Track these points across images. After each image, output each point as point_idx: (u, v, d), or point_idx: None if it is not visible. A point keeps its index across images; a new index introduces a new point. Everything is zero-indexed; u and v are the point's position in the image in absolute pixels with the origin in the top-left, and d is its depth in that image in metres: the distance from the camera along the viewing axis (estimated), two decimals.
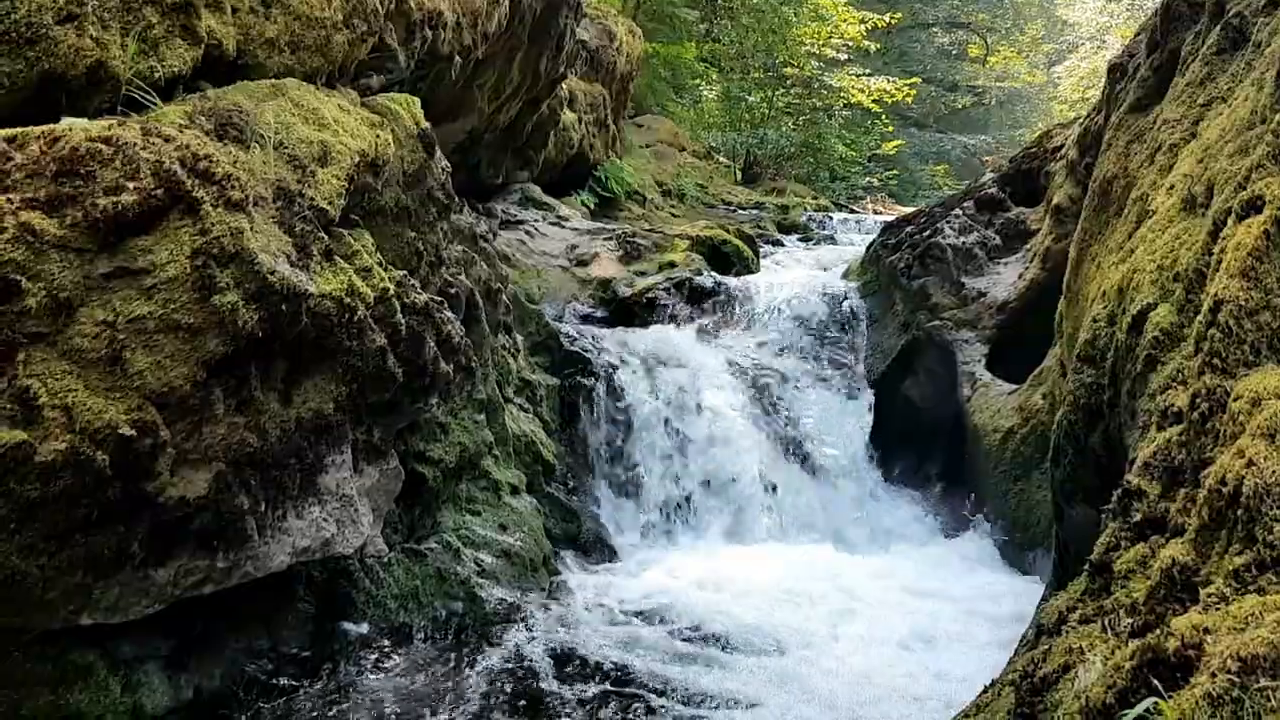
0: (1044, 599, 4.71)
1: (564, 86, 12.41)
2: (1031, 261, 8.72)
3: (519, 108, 10.68)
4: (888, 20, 23.96)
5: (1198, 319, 3.04)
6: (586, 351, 8.79)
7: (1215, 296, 2.88)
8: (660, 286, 10.24)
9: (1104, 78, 7.39)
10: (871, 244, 10.79)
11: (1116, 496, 3.04)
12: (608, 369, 8.65)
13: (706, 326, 9.94)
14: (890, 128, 25.74)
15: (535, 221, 11.44)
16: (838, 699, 5.17)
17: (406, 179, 5.97)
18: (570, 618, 6.25)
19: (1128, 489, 2.97)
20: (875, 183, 24.74)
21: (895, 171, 26.52)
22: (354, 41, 5.77)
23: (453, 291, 6.34)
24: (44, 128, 4.06)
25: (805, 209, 17.53)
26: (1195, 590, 2.21)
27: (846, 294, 10.27)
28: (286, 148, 4.74)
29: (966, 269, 9.07)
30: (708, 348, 9.47)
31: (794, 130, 22.02)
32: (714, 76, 22.67)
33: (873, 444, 8.97)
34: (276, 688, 4.91)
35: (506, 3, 8.53)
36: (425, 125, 6.23)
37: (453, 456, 6.49)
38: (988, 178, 10.51)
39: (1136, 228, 4.98)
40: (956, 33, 34.33)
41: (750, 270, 11.49)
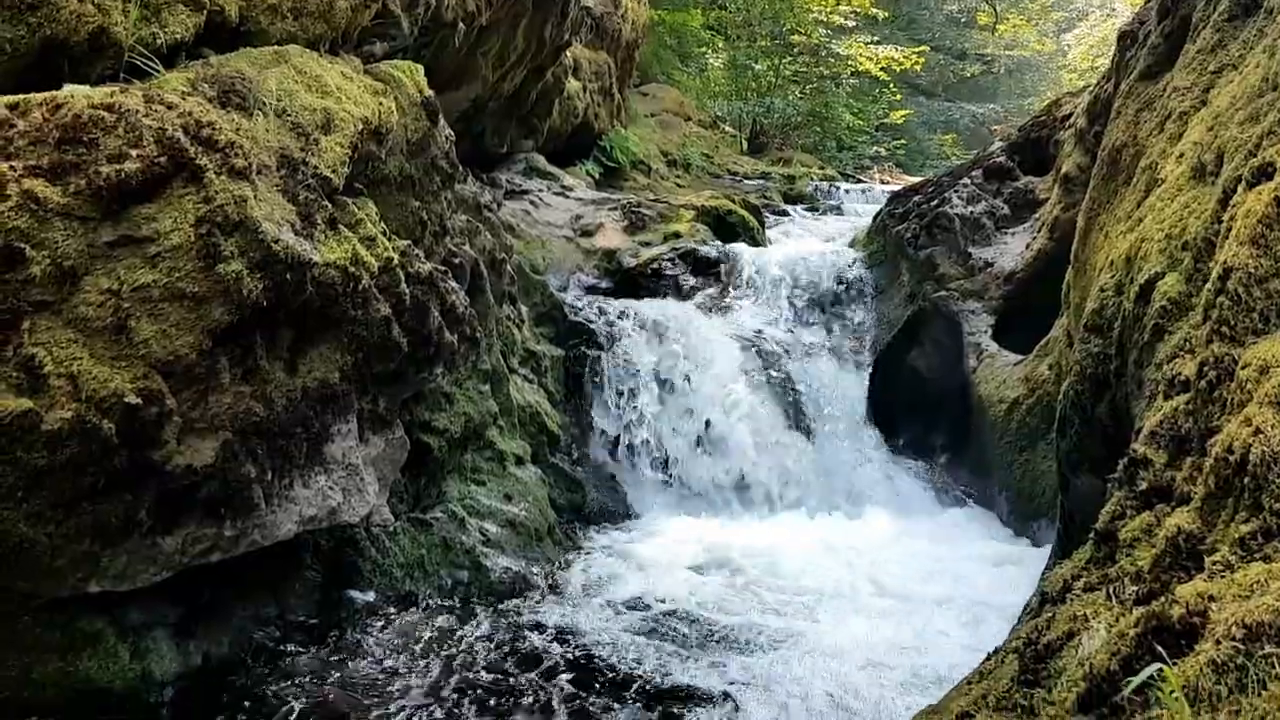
0: (1048, 568, 4.72)
1: (568, 54, 12.31)
2: (1039, 231, 8.67)
3: (523, 76, 10.61)
4: None
5: (1206, 287, 3.02)
6: (591, 322, 8.78)
7: (1224, 264, 2.85)
8: (665, 257, 10.21)
9: (1114, 45, 7.31)
10: (878, 214, 10.73)
11: (1123, 465, 3.04)
12: (612, 340, 8.64)
13: (712, 297, 9.91)
14: (898, 96, 25.53)
15: (540, 191, 11.39)
16: (838, 664, 5.20)
17: (410, 147, 5.94)
18: (574, 587, 6.29)
19: (1134, 458, 2.96)
20: (883, 152, 24.56)
21: (903, 141, 26.33)
22: (357, 8, 5.73)
23: (457, 261, 6.32)
24: (46, 95, 4.04)
25: (812, 179, 17.44)
26: (1200, 558, 2.21)
27: (852, 264, 10.23)
28: (289, 115, 4.72)
29: (974, 239, 9.02)
30: (712, 318, 9.45)
31: (801, 99, 21.86)
32: (720, 44, 22.49)
33: (878, 415, 8.97)
34: (284, 654, 4.94)
35: None
36: (429, 93, 6.19)
37: (458, 427, 6.50)
38: (996, 146, 10.43)
39: (1145, 196, 4.95)
40: (965, 0, 33.98)
41: (756, 241, 11.45)
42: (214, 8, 4.81)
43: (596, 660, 5.18)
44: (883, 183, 18.68)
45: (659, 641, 5.45)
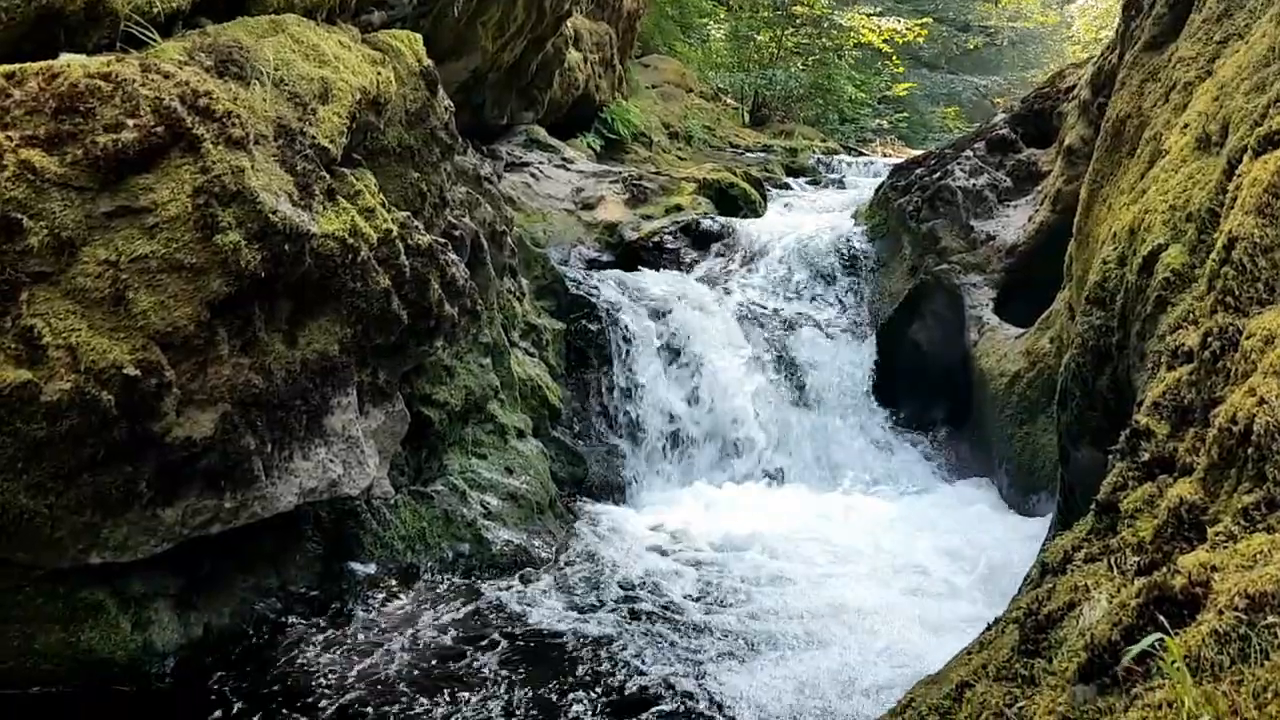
0: (1048, 539, 4.72)
1: (569, 25, 12.21)
2: (1042, 204, 8.62)
3: (523, 46, 10.52)
4: None
5: (1211, 257, 3.00)
6: (592, 295, 8.76)
7: (1229, 234, 2.83)
8: (666, 230, 10.17)
9: (1118, 17, 7.24)
10: (880, 187, 10.68)
11: (1125, 436, 3.02)
12: (613, 313, 8.62)
13: (713, 270, 9.88)
14: (901, 69, 25.35)
15: (540, 164, 11.32)
16: (837, 633, 5.22)
17: (409, 118, 5.89)
18: (575, 558, 6.30)
19: (1136, 429, 2.95)
20: (885, 125, 24.41)
21: (905, 114, 26.16)
22: None
23: (457, 234, 6.29)
24: (42, 64, 4.01)
25: (814, 152, 17.34)
26: (1203, 529, 2.20)
27: (854, 238, 10.18)
28: (287, 85, 4.68)
29: (976, 212, 8.97)
30: (714, 291, 9.42)
31: (803, 71, 21.69)
32: (722, 15, 22.31)
33: (878, 388, 8.96)
34: (286, 625, 4.96)
35: None
36: (428, 63, 6.14)
37: (458, 400, 6.49)
38: (999, 119, 10.37)
39: (1149, 168, 4.91)
40: None
41: (757, 214, 11.40)
42: None
43: (596, 629, 5.19)
44: (885, 156, 18.58)
45: (658, 613, 5.47)
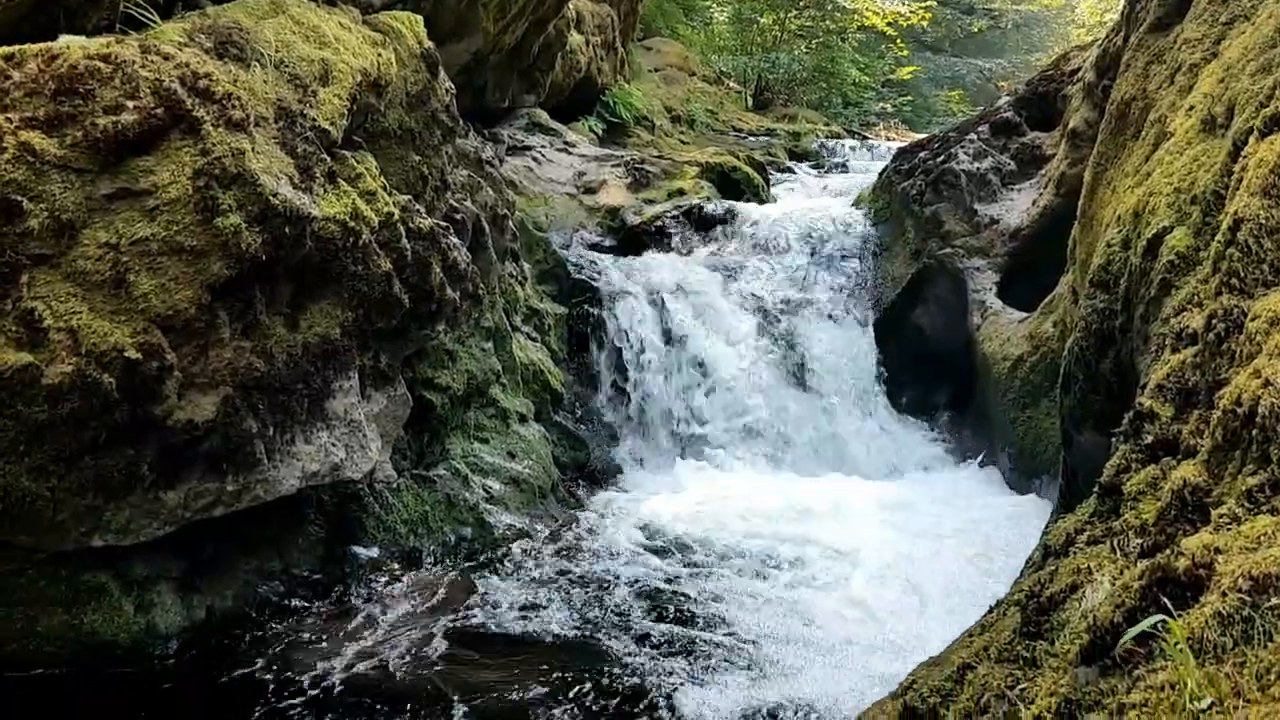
0: (1051, 523, 4.72)
1: (571, 6, 12.15)
2: (1046, 187, 8.59)
3: (525, 28, 10.46)
4: None
5: (1216, 239, 2.98)
6: (594, 280, 8.74)
7: (1235, 215, 2.81)
8: (669, 214, 10.13)
9: None
10: (884, 171, 10.63)
11: (1128, 419, 3.01)
12: (614, 298, 8.60)
13: (715, 255, 9.85)
14: (905, 52, 25.23)
15: (542, 148, 11.28)
16: (838, 615, 5.22)
17: (410, 100, 5.87)
18: (578, 542, 6.30)
19: (1140, 411, 2.94)
20: (889, 109, 24.30)
21: (909, 97, 26.04)
22: None
23: (458, 217, 6.27)
24: (42, 45, 3.99)
25: (817, 136, 17.28)
26: (1206, 511, 2.19)
27: (857, 222, 10.14)
28: (287, 66, 4.66)
29: (980, 195, 8.94)
30: (716, 276, 9.39)
31: (806, 54, 21.59)
32: None
33: (881, 373, 8.94)
34: (289, 608, 4.97)
35: None
36: (429, 45, 6.11)
37: (460, 384, 6.49)
38: (1003, 102, 10.31)
39: (1154, 150, 4.88)
40: None
41: (760, 198, 11.35)
42: None
43: (596, 613, 5.20)
44: (889, 139, 18.50)
45: (659, 599, 5.47)
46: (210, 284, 4.11)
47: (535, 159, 10.91)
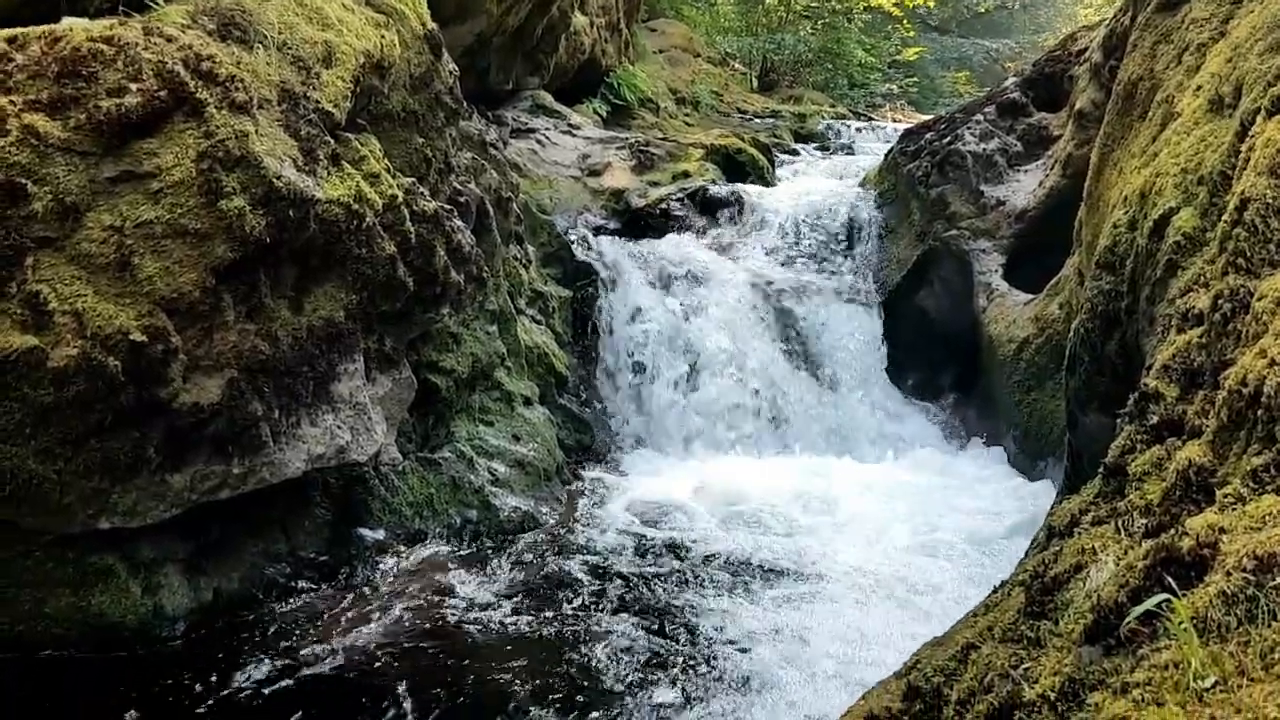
0: (1055, 504, 4.72)
1: None
2: (1052, 168, 8.55)
3: (529, 9, 10.41)
4: None
5: (1223, 219, 2.97)
6: (597, 262, 8.73)
7: (1242, 195, 2.80)
8: (673, 197, 10.10)
9: None
10: (889, 152, 10.59)
11: (1133, 400, 3.01)
12: (619, 281, 8.59)
13: (720, 237, 9.83)
14: (911, 33, 25.10)
15: (546, 130, 11.24)
16: (842, 594, 5.24)
17: (413, 82, 5.85)
18: (582, 524, 6.32)
19: (1145, 392, 2.93)
20: (895, 90, 24.15)
21: (915, 78, 25.90)
22: None
23: (462, 200, 6.26)
24: (44, 28, 3.99)
25: (823, 117, 17.20)
26: (1211, 491, 2.19)
27: (862, 204, 10.11)
28: (290, 48, 4.64)
29: (986, 177, 8.90)
30: (721, 259, 9.38)
31: (812, 35, 21.46)
32: None
33: (886, 355, 8.93)
34: (295, 590, 4.99)
35: None
36: (432, 26, 6.09)
37: (465, 367, 6.49)
38: (1010, 82, 10.25)
39: (1161, 131, 4.85)
40: None
41: (765, 180, 11.32)
42: None
43: (601, 592, 5.22)
44: (894, 121, 18.41)
45: (663, 580, 5.49)
46: (214, 267, 4.12)
47: (539, 141, 10.87)
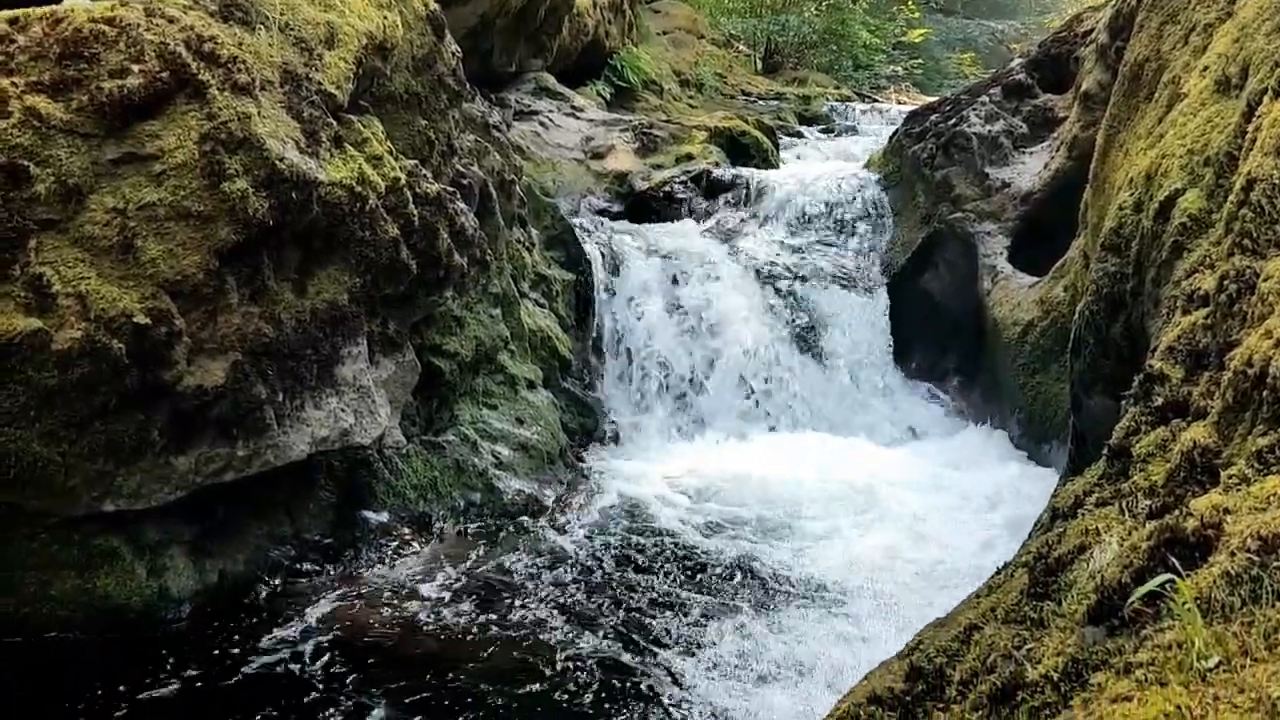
0: (1059, 486, 4.72)
1: None
2: (1058, 150, 8.51)
3: None
4: None
5: (1229, 200, 2.95)
6: (601, 245, 8.71)
7: (1248, 175, 2.78)
8: (677, 180, 10.07)
9: None
10: (894, 134, 10.54)
11: (1138, 381, 3.00)
12: (623, 264, 8.58)
13: (724, 220, 9.80)
14: (916, 14, 24.91)
15: (549, 112, 11.20)
16: (847, 574, 5.25)
17: (416, 64, 5.83)
18: (584, 508, 6.33)
19: (1150, 373, 2.93)
20: (900, 71, 24.00)
21: (920, 60, 25.72)
22: None
23: (465, 182, 6.25)
24: (46, 9, 3.98)
25: (827, 99, 17.11)
26: (1216, 472, 2.19)
27: (867, 186, 10.07)
28: (292, 29, 4.63)
29: (991, 159, 8.86)
30: (724, 242, 9.36)
31: (816, 16, 21.31)
32: None
33: (890, 338, 8.92)
34: (300, 572, 5.01)
35: None
36: (434, 7, 6.06)
37: (469, 350, 6.48)
38: (1015, 64, 10.19)
39: (1167, 112, 4.83)
40: None
41: (769, 162, 11.28)
42: None
43: (603, 575, 5.23)
44: (899, 103, 18.31)
45: (669, 552, 5.50)
46: (218, 249, 4.11)
47: (542, 124, 10.83)
